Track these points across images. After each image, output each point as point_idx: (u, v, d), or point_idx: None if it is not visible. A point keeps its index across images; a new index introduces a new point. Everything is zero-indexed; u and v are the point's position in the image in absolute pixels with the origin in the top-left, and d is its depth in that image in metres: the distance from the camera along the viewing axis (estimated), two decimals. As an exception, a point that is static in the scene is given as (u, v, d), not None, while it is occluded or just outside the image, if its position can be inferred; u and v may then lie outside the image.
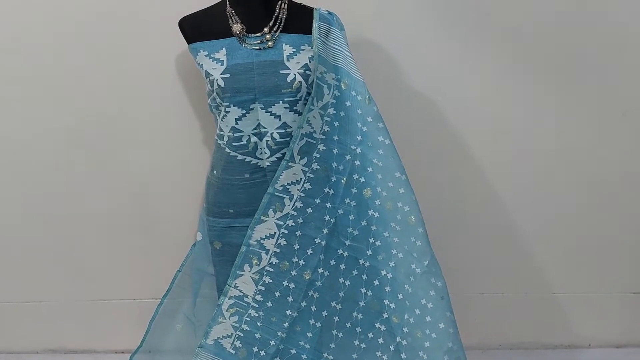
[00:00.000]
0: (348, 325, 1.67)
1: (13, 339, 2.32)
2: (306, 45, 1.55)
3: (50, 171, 2.09)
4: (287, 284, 1.61)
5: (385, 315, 1.65)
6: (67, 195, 2.12)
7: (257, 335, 1.63)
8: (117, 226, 2.16)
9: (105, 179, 2.10)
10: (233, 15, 1.55)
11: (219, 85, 1.50)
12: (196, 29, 1.59)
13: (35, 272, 2.23)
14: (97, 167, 2.08)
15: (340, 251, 1.63)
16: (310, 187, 1.58)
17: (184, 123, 2.01)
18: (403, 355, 1.64)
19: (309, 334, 1.64)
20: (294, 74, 1.51)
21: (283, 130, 1.55)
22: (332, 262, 1.63)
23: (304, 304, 1.63)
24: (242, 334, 1.64)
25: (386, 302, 1.65)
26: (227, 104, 1.52)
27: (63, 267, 2.22)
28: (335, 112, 1.58)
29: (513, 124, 2.03)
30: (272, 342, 1.62)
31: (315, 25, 1.53)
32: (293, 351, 1.64)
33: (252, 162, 1.57)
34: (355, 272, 1.65)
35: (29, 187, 2.11)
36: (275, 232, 1.59)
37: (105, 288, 2.25)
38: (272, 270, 1.60)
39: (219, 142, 1.60)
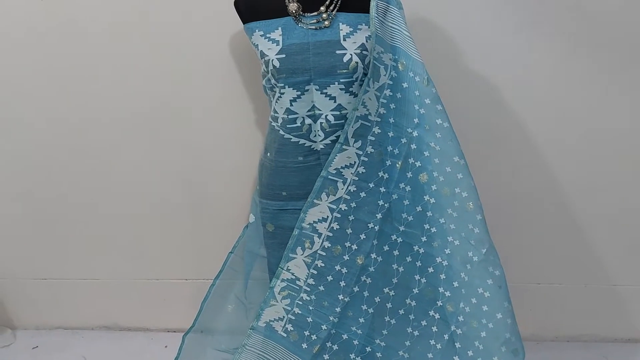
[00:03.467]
0: (401, 312, 1.64)
1: (69, 315, 2.39)
2: (363, 24, 1.50)
3: (104, 152, 2.12)
4: (339, 268, 1.59)
5: (439, 303, 1.62)
6: (120, 176, 2.16)
7: (309, 319, 1.63)
8: (170, 207, 2.19)
9: (158, 160, 2.12)
10: (289, -6, 1.52)
11: (274, 66, 1.48)
12: (252, 8, 1.57)
13: (91, 250, 2.28)
14: (150, 149, 2.11)
15: (394, 237, 1.60)
16: (364, 170, 1.55)
17: (237, 105, 2.01)
18: (457, 345, 1.62)
19: (361, 320, 1.63)
20: (351, 54, 1.47)
21: (338, 113, 1.52)
22: (386, 248, 1.61)
23: (356, 289, 1.61)
24: (293, 317, 1.64)
25: (441, 289, 1.61)
26: (282, 85, 1.50)
27: (118, 246, 2.27)
28: (391, 93, 1.54)
29: (575, 110, 1.96)
30: (323, 327, 1.62)
31: (372, 4, 1.47)
32: (345, 336, 1.63)
33: (305, 145, 1.55)
34: (409, 259, 1.62)
35: (83, 168, 2.15)
36: (328, 216, 1.57)
37: (158, 268, 2.29)
38: (324, 254, 1.59)
39: (273, 124, 1.59)
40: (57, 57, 1.99)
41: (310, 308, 1.62)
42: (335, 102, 1.50)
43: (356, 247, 1.58)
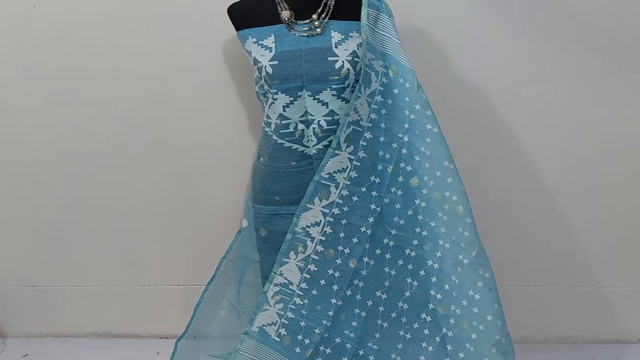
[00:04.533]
0: (393, 315, 1.66)
1: (60, 322, 2.38)
2: (355, 32, 1.53)
3: (97, 158, 2.12)
4: (332, 272, 1.61)
5: (431, 306, 1.64)
6: (113, 182, 2.15)
7: (302, 323, 1.64)
8: (162, 213, 2.19)
9: (151, 166, 2.12)
10: (282, 2, 1.55)
11: (267, 72, 1.50)
12: (245, 15, 1.59)
13: (83, 257, 2.27)
14: (143, 155, 2.11)
15: (386, 240, 1.62)
16: (356, 175, 1.57)
17: (230, 110, 2.02)
18: (449, 347, 1.64)
19: (354, 323, 1.64)
20: (342, 61, 1.50)
21: (330, 118, 1.54)
22: (378, 251, 1.63)
23: (349, 292, 1.62)
24: (286, 322, 1.64)
25: (432, 292, 1.64)
26: (275, 91, 1.52)
27: (109, 253, 2.26)
28: (382, 99, 1.56)
29: (564, 115, 1.99)
30: (316, 331, 1.63)
31: (364, 12, 1.50)
32: (338, 340, 1.64)
33: (298, 150, 1.57)
34: (401, 262, 1.64)
35: (75, 173, 2.15)
36: (320, 220, 1.59)
37: (150, 274, 2.29)
38: (317, 258, 1.60)
39: (266, 129, 1.61)
40: (53, 61, 1.99)
41: (304, 312, 1.63)
42: (327, 107, 1.53)
43: (349, 251, 1.60)
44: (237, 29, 1.60)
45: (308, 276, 1.61)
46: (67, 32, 1.95)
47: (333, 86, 1.51)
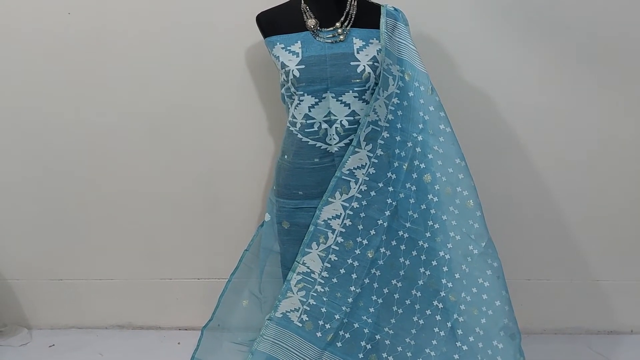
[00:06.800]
0: (407, 302, 1.75)
1: (84, 314, 2.44)
2: (374, 39, 1.65)
3: (120, 154, 2.19)
4: (351, 261, 1.71)
5: (442, 294, 1.73)
6: (137, 178, 2.22)
7: (323, 310, 1.73)
8: (183, 209, 2.26)
9: (174, 164, 2.19)
10: (307, 11, 1.66)
11: (294, 76, 1.61)
12: (272, 23, 1.70)
13: (107, 252, 2.34)
14: (167, 153, 2.18)
15: (400, 232, 1.72)
16: (374, 171, 1.68)
17: (250, 114, 2.10)
18: (459, 332, 1.73)
19: (371, 309, 1.74)
20: (364, 66, 1.61)
21: (351, 118, 1.64)
22: (394, 243, 1.72)
23: (366, 281, 1.72)
24: (308, 308, 1.74)
25: (444, 281, 1.73)
26: (302, 92, 1.63)
27: (132, 247, 2.32)
28: (399, 101, 1.68)
29: (563, 118, 2.08)
30: (336, 316, 1.72)
31: (382, 20, 1.63)
32: (356, 325, 1.74)
33: (321, 147, 1.67)
34: (414, 253, 1.73)
35: (99, 170, 2.22)
36: (341, 213, 1.69)
37: (171, 267, 2.35)
38: (337, 248, 1.70)
39: (291, 128, 1.70)
40: (85, 66, 2.07)
41: (324, 299, 1.73)
42: (349, 108, 1.64)
43: (367, 242, 1.70)
44: (265, 36, 1.71)
45: (329, 265, 1.71)
46: (99, 40, 2.03)
47: (355, 89, 1.62)
